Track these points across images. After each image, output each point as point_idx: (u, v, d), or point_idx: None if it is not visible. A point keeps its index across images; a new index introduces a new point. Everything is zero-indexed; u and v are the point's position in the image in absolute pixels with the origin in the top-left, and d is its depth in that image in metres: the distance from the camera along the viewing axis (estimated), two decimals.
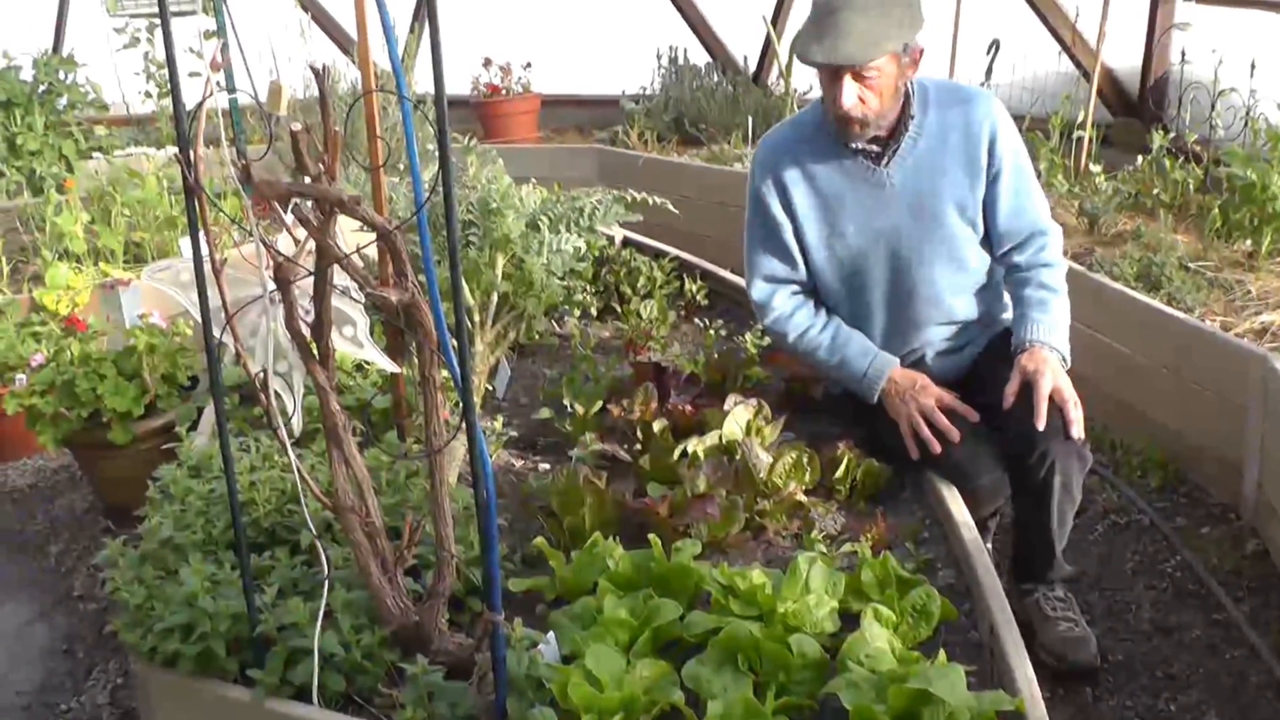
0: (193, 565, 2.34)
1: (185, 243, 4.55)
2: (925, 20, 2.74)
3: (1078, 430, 2.67)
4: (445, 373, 2.01)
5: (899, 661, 2.09)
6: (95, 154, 6.23)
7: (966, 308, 2.98)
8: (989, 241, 2.93)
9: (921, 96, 2.85)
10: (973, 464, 2.77)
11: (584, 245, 3.63)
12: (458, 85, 7.58)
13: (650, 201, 3.82)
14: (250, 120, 6.77)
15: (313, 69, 2.06)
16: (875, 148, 2.85)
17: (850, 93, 2.71)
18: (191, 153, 1.89)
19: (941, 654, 2.10)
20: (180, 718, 2.34)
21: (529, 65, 7.64)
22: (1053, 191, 4.81)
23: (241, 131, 4.91)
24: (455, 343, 1.94)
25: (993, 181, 2.84)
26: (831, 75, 2.72)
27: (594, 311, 4.25)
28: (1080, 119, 5.13)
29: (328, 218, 1.92)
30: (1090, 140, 5.11)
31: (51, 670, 3.23)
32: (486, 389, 3.46)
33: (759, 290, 3.04)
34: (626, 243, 4.73)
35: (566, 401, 3.32)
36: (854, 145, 2.85)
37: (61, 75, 6.74)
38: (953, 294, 2.93)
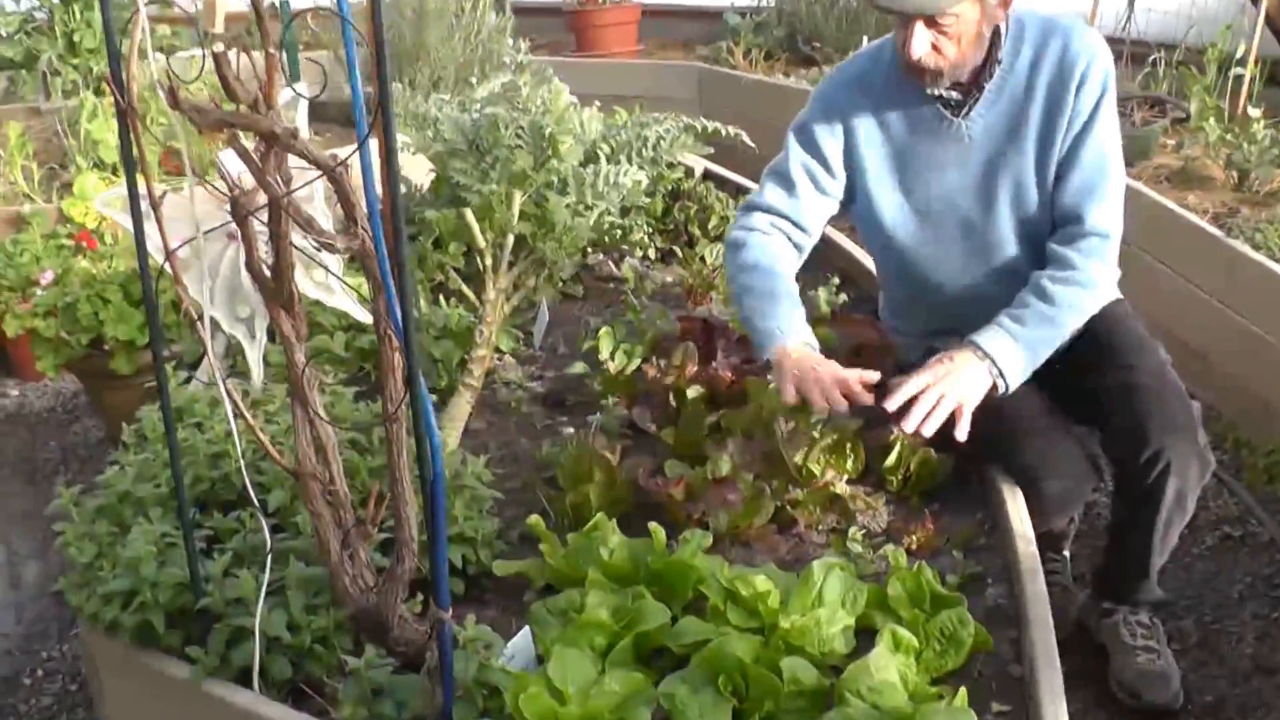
0: (144, 525, 2.30)
1: (223, 156, 4.56)
2: None
3: (928, 428, 2.41)
4: None
5: (911, 696, 1.95)
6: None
7: None
8: None
9: (1016, 33, 2.57)
10: (1043, 465, 2.52)
11: (644, 178, 3.49)
12: None
13: (724, 132, 3.65)
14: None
15: None
16: (956, 95, 2.61)
17: (922, 41, 2.46)
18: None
19: (962, 692, 1.95)
20: (121, 688, 2.33)
21: None
22: (1201, 137, 4.48)
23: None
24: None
25: (1070, 137, 2.56)
26: (902, 19, 2.49)
27: (655, 253, 4.11)
28: (1241, 53, 4.73)
29: (267, 151, 1.84)
30: (1252, 79, 4.72)
31: (38, 614, 3.28)
32: (518, 336, 3.38)
33: (747, 204, 2.85)
34: (707, 175, 4.56)
35: (603, 356, 3.21)
36: (932, 92, 2.62)
37: None
38: (1035, 265, 2.66)
